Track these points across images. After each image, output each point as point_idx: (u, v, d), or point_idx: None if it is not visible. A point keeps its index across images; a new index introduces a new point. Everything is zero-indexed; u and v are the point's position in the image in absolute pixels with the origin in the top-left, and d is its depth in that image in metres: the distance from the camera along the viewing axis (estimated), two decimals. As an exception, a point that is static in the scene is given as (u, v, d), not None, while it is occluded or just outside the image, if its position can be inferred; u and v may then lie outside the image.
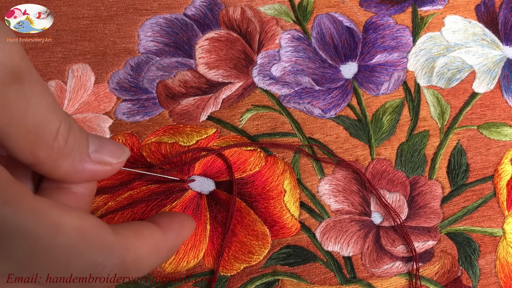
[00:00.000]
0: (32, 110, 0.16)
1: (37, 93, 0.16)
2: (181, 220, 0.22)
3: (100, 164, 0.19)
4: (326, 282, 0.32)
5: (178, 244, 0.21)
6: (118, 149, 0.20)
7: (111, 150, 0.20)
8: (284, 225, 0.32)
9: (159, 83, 0.33)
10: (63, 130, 0.17)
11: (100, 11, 0.34)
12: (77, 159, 0.18)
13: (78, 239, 0.16)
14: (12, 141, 0.16)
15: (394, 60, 0.37)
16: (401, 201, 0.34)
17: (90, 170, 0.19)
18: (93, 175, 0.19)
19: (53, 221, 0.15)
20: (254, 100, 0.34)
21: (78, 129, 0.19)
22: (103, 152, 0.19)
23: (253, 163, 0.32)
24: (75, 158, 0.18)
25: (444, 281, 0.33)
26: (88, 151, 0.19)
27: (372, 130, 0.35)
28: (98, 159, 0.19)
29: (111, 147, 0.20)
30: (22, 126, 0.16)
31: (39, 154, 0.17)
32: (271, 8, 0.36)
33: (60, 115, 0.17)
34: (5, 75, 0.15)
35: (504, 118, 0.37)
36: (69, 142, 0.18)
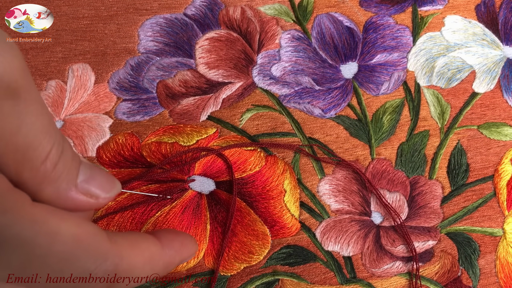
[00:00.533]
0: (24, 129, 0.16)
1: (33, 113, 0.16)
2: (184, 239, 0.22)
3: (86, 196, 0.18)
4: (326, 282, 0.32)
5: (175, 262, 0.21)
6: (108, 183, 0.20)
7: (101, 182, 0.19)
8: (284, 225, 0.32)
9: (159, 83, 0.33)
10: (53, 155, 0.17)
11: (100, 11, 0.34)
12: (62, 186, 0.17)
13: (74, 247, 0.16)
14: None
15: (394, 60, 0.37)
16: (401, 201, 0.34)
17: (74, 200, 0.18)
18: (76, 205, 0.18)
19: (51, 229, 0.15)
20: (254, 100, 0.34)
21: (71, 156, 0.18)
22: (92, 184, 0.19)
23: (253, 163, 0.32)
24: (61, 185, 0.17)
25: (444, 281, 0.33)
26: (76, 180, 0.18)
27: (372, 130, 0.35)
28: (85, 190, 0.18)
29: (102, 180, 0.19)
30: (10, 144, 0.15)
31: (24, 175, 0.16)
32: (271, 8, 0.36)
33: (53, 138, 0.17)
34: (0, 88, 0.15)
35: (504, 118, 0.37)
36: (57, 168, 0.17)
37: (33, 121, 0.16)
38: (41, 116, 0.16)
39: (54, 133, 0.17)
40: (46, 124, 0.17)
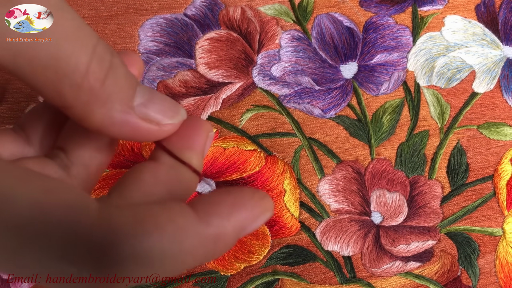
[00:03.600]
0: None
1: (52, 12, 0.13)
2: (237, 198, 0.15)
3: (145, 121, 0.15)
4: (326, 282, 0.32)
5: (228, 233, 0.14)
6: (171, 107, 0.16)
7: (163, 107, 0.16)
8: (284, 225, 0.32)
9: (160, 83, 0.33)
10: (96, 68, 0.14)
11: (101, 11, 0.34)
12: (116, 108, 0.15)
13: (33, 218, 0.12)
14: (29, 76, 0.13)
15: (394, 60, 0.37)
16: (401, 201, 0.34)
17: (132, 125, 0.15)
18: (134, 131, 0.15)
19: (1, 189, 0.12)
20: (254, 100, 0.34)
21: (124, 74, 0.15)
22: (151, 108, 0.16)
23: (253, 163, 0.32)
24: (114, 106, 0.15)
25: (444, 280, 0.33)
26: (132, 102, 0.15)
27: (372, 130, 0.35)
28: (143, 114, 0.15)
29: (164, 104, 0.16)
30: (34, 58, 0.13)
31: (66, 94, 0.14)
32: (271, 8, 0.36)
33: (90, 48, 0.14)
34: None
35: (504, 118, 0.37)
36: (106, 85, 0.14)
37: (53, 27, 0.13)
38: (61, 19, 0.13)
39: (90, 42, 0.14)
40: (71, 28, 0.14)
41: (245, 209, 0.15)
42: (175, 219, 0.13)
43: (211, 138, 0.18)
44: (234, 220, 0.14)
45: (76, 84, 0.14)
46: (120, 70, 0.15)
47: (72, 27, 0.14)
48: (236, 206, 0.15)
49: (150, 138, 0.16)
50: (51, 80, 0.13)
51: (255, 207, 0.15)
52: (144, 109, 0.15)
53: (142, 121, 0.15)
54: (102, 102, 0.14)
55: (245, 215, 0.15)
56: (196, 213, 0.14)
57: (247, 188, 0.16)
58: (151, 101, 0.16)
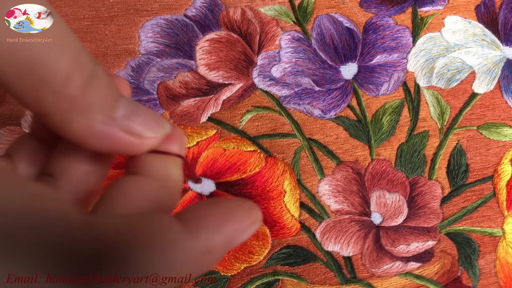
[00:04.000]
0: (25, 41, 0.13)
1: None
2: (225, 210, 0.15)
3: (126, 133, 0.15)
4: (326, 282, 0.32)
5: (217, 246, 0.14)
6: (155, 121, 0.16)
7: (146, 120, 0.15)
8: (284, 226, 0.32)
9: (160, 84, 0.33)
10: (78, 76, 0.14)
11: (101, 12, 0.34)
12: (96, 118, 0.14)
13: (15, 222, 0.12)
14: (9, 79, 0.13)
15: (394, 60, 0.37)
16: (400, 202, 0.34)
17: (112, 136, 0.15)
18: (114, 143, 0.15)
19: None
20: (254, 101, 0.34)
21: (107, 84, 0.15)
22: (134, 120, 0.15)
23: (253, 164, 0.32)
24: (94, 116, 0.14)
25: (444, 281, 0.33)
26: (114, 113, 0.15)
27: (372, 130, 0.35)
28: (125, 126, 0.15)
29: (147, 117, 0.16)
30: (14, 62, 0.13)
31: (44, 100, 0.13)
32: (271, 9, 0.36)
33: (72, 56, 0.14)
34: None
35: (504, 119, 0.37)
36: (87, 94, 0.14)
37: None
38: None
39: (72, 49, 0.14)
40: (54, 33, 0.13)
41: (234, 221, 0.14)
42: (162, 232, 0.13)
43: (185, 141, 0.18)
44: (223, 232, 0.14)
45: (56, 91, 0.13)
46: (103, 80, 0.15)
47: (57, 33, 0.14)
48: (225, 218, 0.14)
49: (131, 151, 0.16)
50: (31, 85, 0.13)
51: (244, 219, 0.15)
52: (126, 121, 0.15)
53: (123, 133, 0.15)
54: (82, 111, 0.14)
55: (234, 227, 0.14)
56: (185, 226, 0.14)
57: (235, 198, 0.15)
58: (134, 113, 0.15)
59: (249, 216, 0.15)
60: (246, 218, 0.15)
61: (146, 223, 0.13)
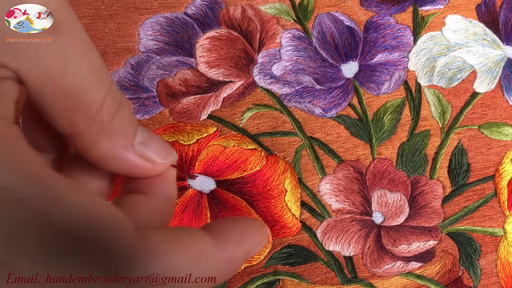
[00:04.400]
0: (71, 69, 0.14)
1: (78, 51, 0.15)
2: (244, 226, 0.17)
3: (142, 159, 0.17)
4: (327, 282, 0.32)
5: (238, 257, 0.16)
6: (165, 149, 0.18)
7: (158, 148, 0.17)
8: (285, 225, 0.32)
9: (160, 81, 0.33)
10: (109, 105, 0.15)
11: (101, 10, 0.34)
12: (119, 143, 0.16)
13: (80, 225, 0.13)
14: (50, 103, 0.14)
15: (395, 59, 0.37)
16: (402, 201, 0.34)
17: (130, 161, 0.16)
18: (131, 168, 0.17)
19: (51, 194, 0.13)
20: (255, 99, 0.34)
21: (129, 113, 0.17)
22: (149, 147, 0.17)
23: (254, 162, 0.32)
24: (118, 142, 0.16)
25: (445, 281, 0.33)
26: (134, 139, 0.17)
27: (373, 129, 0.35)
28: (142, 152, 0.17)
29: (159, 145, 0.18)
30: (60, 86, 0.14)
31: (79, 123, 0.15)
32: (271, 7, 0.36)
33: (107, 85, 0.15)
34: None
35: (505, 118, 0.37)
36: (115, 121, 0.16)
37: (79, 59, 0.15)
38: (88, 56, 0.15)
39: (107, 80, 0.16)
40: (96, 66, 0.15)
41: (251, 236, 0.17)
42: (197, 242, 0.15)
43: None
44: (244, 246, 0.16)
45: (91, 116, 0.15)
46: (127, 109, 0.17)
47: (96, 64, 0.15)
48: (245, 233, 0.17)
49: (143, 175, 0.17)
50: (69, 109, 0.15)
51: (258, 235, 0.17)
52: (142, 147, 0.17)
53: (139, 158, 0.17)
54: (109, 136, 0.16)
55: (251, 242, 0.17)
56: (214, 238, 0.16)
57: (249, 218, 0.18)
58: (149, 141, 0.17)
59: (261, 233, 0.17)
60: (259, 234, 0.17)
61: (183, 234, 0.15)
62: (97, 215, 0.13)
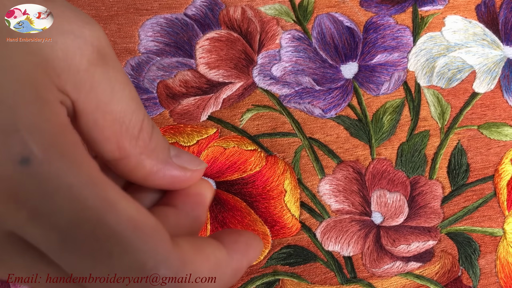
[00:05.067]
0: (117, 96, 0.16)
1: (121, 80, 0.16)
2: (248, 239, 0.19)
3: (181, 169, 0.18)
4: (327, 282, 0.32)
5: (243, 266, 0.18)
6: (195, 159, 0.20)
7: (190, 158, 0.19)
8: (284, 225, 0.32)
9: (160, 83, 0.33)
10: (147, 125, 0.17)
11: (101, 11, 0.34)
12: (160, 158, 0.18)
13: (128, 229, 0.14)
14: (99, 130, 0.16)
15: (394, 60, 0.37)
16: (401, 201, 0.34)
17: (172, 173, 0.18)
18: (173, 179, 0.18)
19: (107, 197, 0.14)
20: (255, 100, 0.34)
21: (159, 131, 0.18)
22: (183, 158, 0.19)
23: (253, 163, 0.32)
24: (159, 156, 0.17)
25: (445, 281, 0.33)
26: (169, 154, 0.18)
27: (372, 130, 0.35)
28: (179, 163, 0.18)
29: (189, 156, 0.19)
30: (108, 113, 0.16)
31: (125, 146, 0.16)
32: (271, 8, 0.36)
33: (143, 108, 0.17)
34: (92, 54, 0.15)
35: (505, 118, 0.37)
36: (153, 138, 0.17)
37: (122, 88, 0.16)
38: (128, 84, 0.17)
39: (141, 104, 0.17)
40: (134, 92, 0.17)
41: (253, 248, 0.19)
42: (215, 252, 0.17)
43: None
44: (248, 256, 0.18)
45: (134, 137, 0.16)
46: (157, 128, 0.18)
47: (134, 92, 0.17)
48: (249, 245, 0.18)
49: (183, 184, 0.19)
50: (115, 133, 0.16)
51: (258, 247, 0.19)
52: (178, 159, 0.19)
53: (179, 169, 0.18)
54: (151, 153, 0.17)
55: (253, 253, 0.18)
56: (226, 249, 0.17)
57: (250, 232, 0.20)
58: (181, 153, 0.19)
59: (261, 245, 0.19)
60: (259, 246, 0.19)
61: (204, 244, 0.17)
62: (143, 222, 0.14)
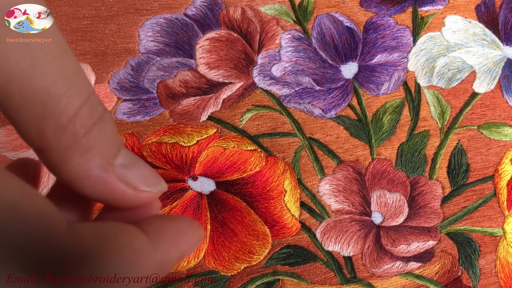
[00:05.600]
0: (39, 69, 0.13)
1: (49, 51, 0.13)
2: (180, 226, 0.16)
3: (122, 183, 0.15)
4: (327, 282, 0.32)
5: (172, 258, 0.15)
6: (153, 176, 0.16)
7: (144, 173, 0.16)
8: (284, 225, 0.32)
9: (160, 83, 0.33)
10: (85, 116, 0.14)
11: (101, 11, 0.34)
12: (95, 161, 0.14)
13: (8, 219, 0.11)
14: (16, 108, 0.13)
15: (394, 60, 0.37)
16: (401, 201, 0.34)
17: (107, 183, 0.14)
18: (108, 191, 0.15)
19: None
20: (255, 100, 0.34)
21: (112, 130, 0.15)
22: (132, 172, 0.15)
23: (253, 163, 0.32)
24: (93, 159, 0.14)
25: (445, 281, 0.33)
26: (113, 160, 0.15)
27: (372, 130, 0.35)
28: (122, 175, 0.15)
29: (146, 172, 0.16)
30: (26, 89, 0.13)
31: (47, 134, 0.13)
32: (271, 8, 0.36)
33: (84, 95, 0.14)
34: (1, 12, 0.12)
35: (505, 118, 0.37)
36: (91, 135, 0.14)
37: (49, 61, 0.13)
38: (60, 58, 0.13)
39: (86, 89, 0.14)
40: (69, 70, 0.13)
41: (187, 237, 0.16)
42: (132, 242, 0.14)
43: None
44: (178, 246, 0.15)
45: (61, 126, 0.13)
46: (109, 126, 0.15)
47: (72, 70, 0.14)
48: (180, 234, 0.16)
49: (123, 202, 0.15)
50: (36, 116, 0.13)
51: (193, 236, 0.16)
52: (124, 170, 0.15)
53: (119, 181, 0.15)
54: (82, 151, 0.14)
55: (187, 242, 0.16)
56: (148, 238, 0.14)
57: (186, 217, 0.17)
58: (133, 165, 0.15)
59: (198, 233, 0.16)
60: (195, 235, 0.16)
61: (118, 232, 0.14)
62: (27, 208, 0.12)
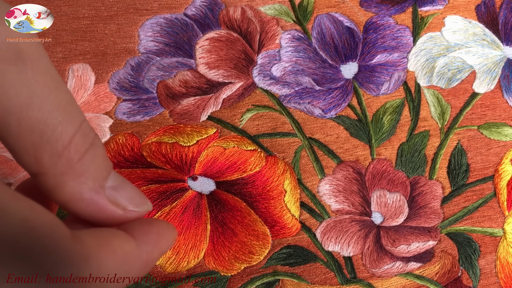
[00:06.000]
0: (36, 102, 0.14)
1: (45, 84, 0.14)
2: (160, 229, 0.18)
3: (112, 204, 0.16)
4: (327, 282, 0.32)
5: (154, 258, 0.17)
6: (139, 197, 0.18)
7: (131, 194, 0.17)
8: (284, 225, 0.32)
9: (160, 83, 0.33)
10: (79, 142, 0.15)
11: (101, 11, 0.34)
12: (87, 184, 0.15)
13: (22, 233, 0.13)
14: (14, 138, 0.14)
15: (394, 60, 0.37)
16: (401, 201, 0.34)
17: (98, 204, 0.16)
18: (99, 211, 0.16)
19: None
20: (255, 100, 0.34)
21: (102, 155, 0.16)
22: (121, 193, 0.17)
23: (253, 163, 0.32)
24: (86, 183, 0.15)
25: (445, 281, 0.33)
26: (104, 183, 0.16)
27: (372, 130, 0.35)
28: (112, 196, 0.16)
29: (132, 193, 0.17)
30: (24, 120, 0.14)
31: (44, 160, 0.14)
32: (271, 8, 0.36)
33: (77, 123, 0.15)
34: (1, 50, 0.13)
35: (505, 118, 0.37)
36: (84, 160, 0.15)
37: (46, 94, 0.14)
38: (56, 91, 0.14)
39: (78, 118, 0.15)
40: (63, 100, 0.15)
41: (165, 238, 0.18)
42: (123, 245, 0.16)
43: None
44: (159, 246, 0.17)
45: (57, 153, 0.15)
46: (99, 151, 0.16)
47: (66, 100, 0.15)
48: (160, 236, 0.17)
49: (113, 222, 0.17)
50: (33, 144, 0.14)
51: (170, 237, 0.18)
52: (113, 192, 0.17)
53: (109, 203, 0.16)
54: (76, 175, 0.15)
55: (165, 243, 0.18)
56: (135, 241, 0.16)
57: (162, 220, 0.19)
58: (121, 186, 0.17)
59: (173, 235, 0.18)
60: (171, 236, 0.18)
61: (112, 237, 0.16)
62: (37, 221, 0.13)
